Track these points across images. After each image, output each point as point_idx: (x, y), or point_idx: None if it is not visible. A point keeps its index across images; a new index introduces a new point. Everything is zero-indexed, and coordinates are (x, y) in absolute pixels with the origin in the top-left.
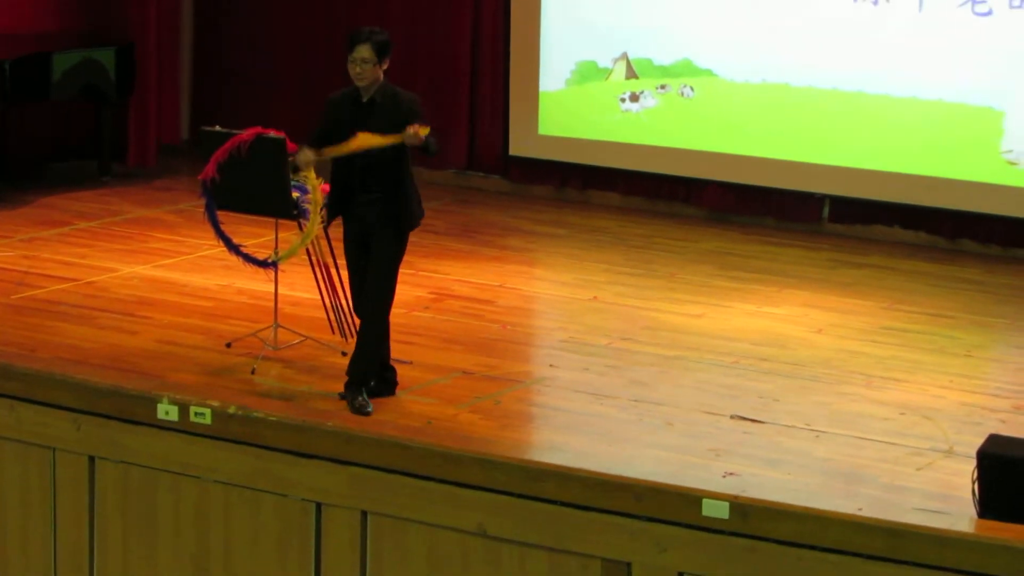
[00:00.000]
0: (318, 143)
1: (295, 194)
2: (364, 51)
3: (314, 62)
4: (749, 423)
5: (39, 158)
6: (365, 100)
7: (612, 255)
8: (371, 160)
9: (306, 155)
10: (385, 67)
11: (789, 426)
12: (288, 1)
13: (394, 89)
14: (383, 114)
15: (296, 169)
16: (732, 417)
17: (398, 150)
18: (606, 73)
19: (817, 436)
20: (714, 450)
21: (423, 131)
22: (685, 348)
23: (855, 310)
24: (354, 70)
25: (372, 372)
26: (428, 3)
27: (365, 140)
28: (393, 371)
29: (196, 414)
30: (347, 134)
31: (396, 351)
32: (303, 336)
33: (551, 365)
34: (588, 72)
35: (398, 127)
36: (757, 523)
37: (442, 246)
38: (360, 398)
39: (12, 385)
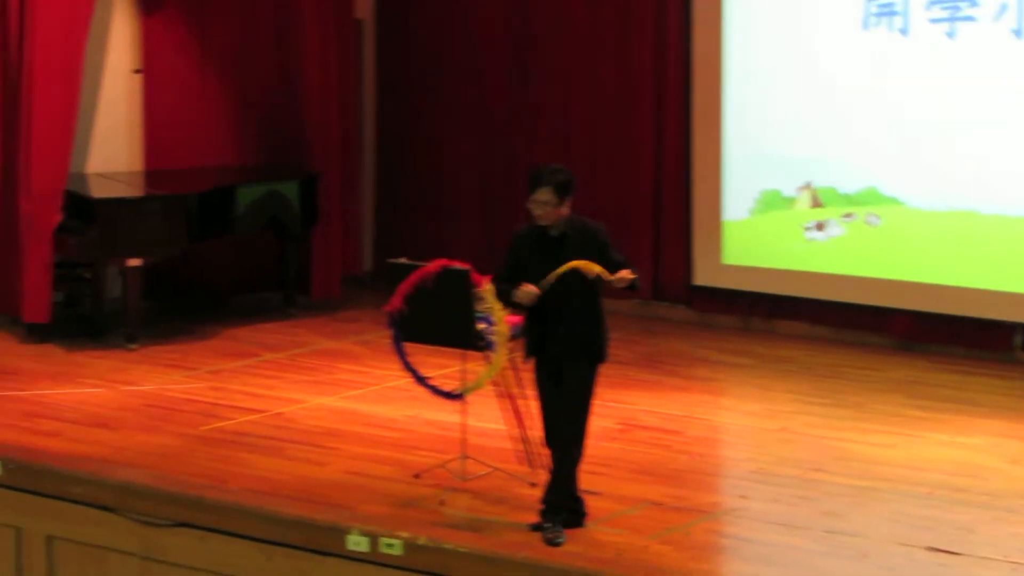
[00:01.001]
0: (509, 277)
1: (481, 325)
2: (544, 194)
3: (496, 192)
4: (945, 555)
5: (224, 290)
6: (555, 235)
7: (800, 384)
8: (566, 293)
9: (530, 293)
10: (567, 204)
11: (986, 558)
12: (470, 132)
13: (582, 221)
14: (573, 247)
15: (516, 306)
16: (928, 549)
17: (592, 282)
18: (790, 202)
19: (1014, 568)
20: None
21: (631, 276)
22: (877, 479)
23: None
24: (535, 211)
25: (565, 503)
26: (609, 134)
27: (582, 263)
28: (582, 502)
29: (386, 545)
30: (536, 269)
31: (585, 482)
32: (491, 467)
33: (741, 496)
34: (772, 201)
35: (589, 258)
36: None
37: (628, 376)
38: (552, 529)
39: (203, 516)
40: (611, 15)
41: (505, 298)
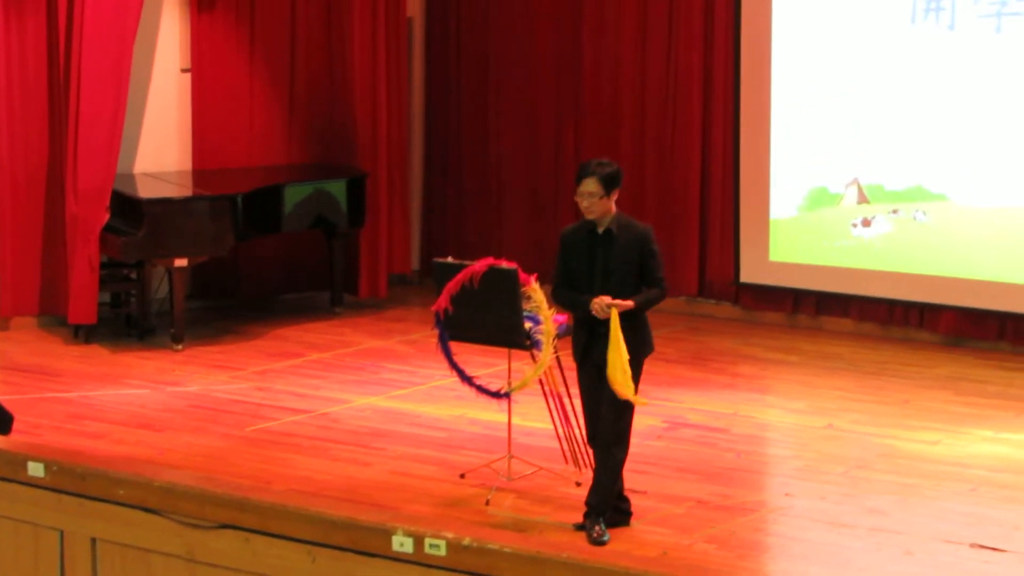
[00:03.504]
0: (566, 279)
1: (527, 324)
2: (590, 184)
3: (543, 192)
4: (990, 551)
5: (270, 290)
6: (601, 232)
7: (846, 381)
8: (612, 296)
9: (603, 301)
10: (615, 198)
11: None
12: (518, 131)
13: (629, 220)
14: (620, 246)
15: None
16: (972, 546)
17: (635, 285)
18: (837, 199)
19: None
20: None
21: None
22: (922, 476)
23: None
24: (581, 203)
25: (610, 502)
26: (657, 131)
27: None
28: (628, 501)
29: (431, 546)
30: (585, 266)
31: (630, 480)
32: (537, 466)
33: (787, 494)
34: (819, 198)
35: (634, 259)
36: None
37: (674, 374)
38: (597, 528)
39: (247, 518)
40: (660, 13)
41: (574, 308)
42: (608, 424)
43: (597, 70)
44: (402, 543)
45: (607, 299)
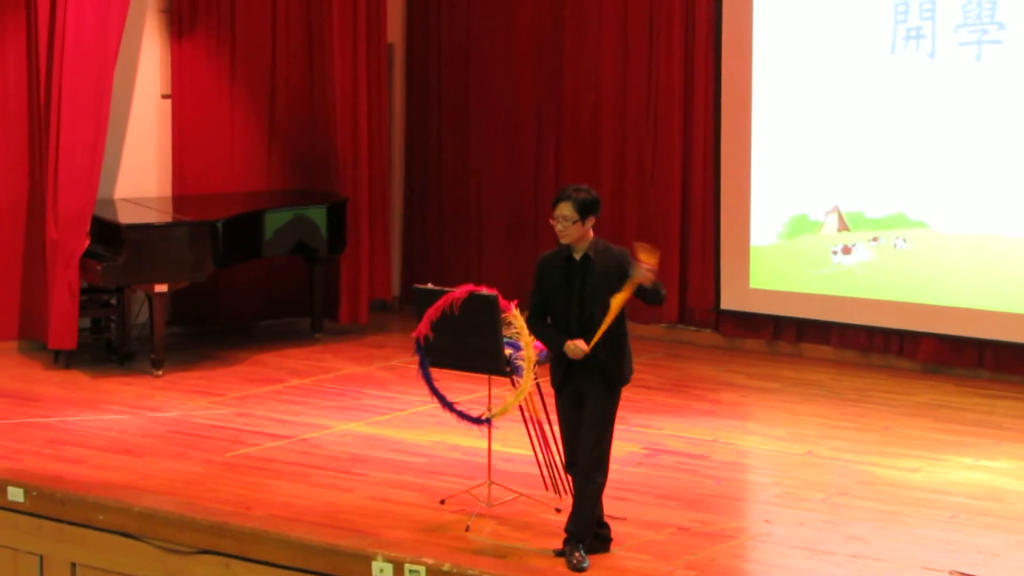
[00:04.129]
0: (541, 308)
1: (508, 351)
2: (565, 208)
3: (524, 218)
4: None
5: (251, 315)
6: (578, 258)
7: (826, 408)
8: (590, 322)
9: (579, 348)
10: (591, 224)
11: None
12: (498, 157)
13: (605, 244)
14: (597, 272)
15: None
16: (952, 573)
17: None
18: (818, 226)
19: None
20: None
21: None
22: (902, 503)
23: None
24: (556, 227)
25: (590, 529)
26: (637, 159)
27: (616, 303)
28: (607, 527)
29: (411, 572)
30: (563, 293)
31: (610, 507)
32: (517, 492)
33: (766, 520)
34: (800, 225)
35: (614, 284)
36: None
37: (654, 401)
38: (577, 554)
39: (227, 543)
40: (640, 40)
41: (548, 344)
42: (587, 451)
43: (577, 96)
44: (382, 569)
45: (583, 345)
